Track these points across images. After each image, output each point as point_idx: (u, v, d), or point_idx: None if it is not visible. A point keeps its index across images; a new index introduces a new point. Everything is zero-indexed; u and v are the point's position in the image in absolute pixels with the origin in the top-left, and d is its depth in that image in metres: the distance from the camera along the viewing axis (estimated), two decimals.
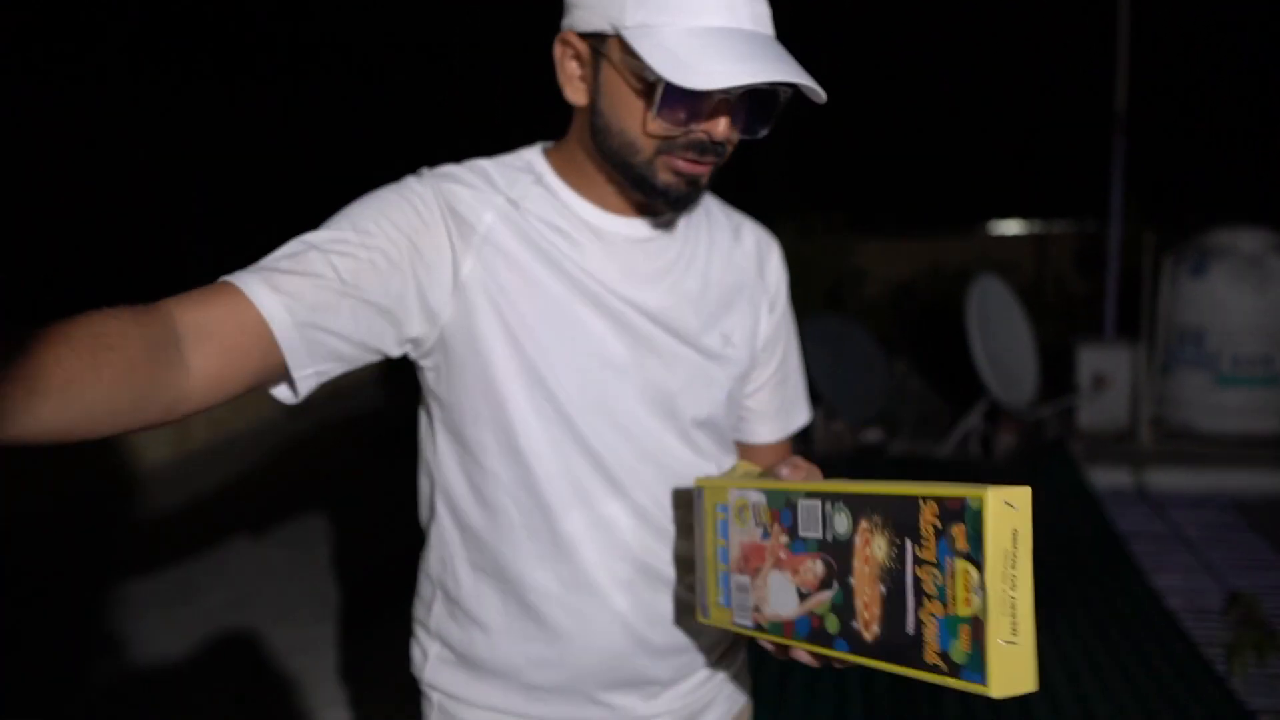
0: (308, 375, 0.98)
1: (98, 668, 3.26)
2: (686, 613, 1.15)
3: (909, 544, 0.76)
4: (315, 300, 0.96)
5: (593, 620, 1.10)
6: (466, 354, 1.07)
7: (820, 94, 0.98)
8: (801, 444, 5.58)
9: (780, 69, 0.95)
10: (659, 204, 1.09)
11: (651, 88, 0.99)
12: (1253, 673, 3.16)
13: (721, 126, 1.01)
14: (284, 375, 0.98)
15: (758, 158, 10.70)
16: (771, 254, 1.29)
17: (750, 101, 1.01)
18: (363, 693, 2.99)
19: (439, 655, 1.18)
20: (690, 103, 0.99)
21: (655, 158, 1.04)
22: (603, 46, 1.03)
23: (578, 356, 1.08)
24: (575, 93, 1.08)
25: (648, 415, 1.12)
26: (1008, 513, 0.72)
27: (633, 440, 1.12)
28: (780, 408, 1.32)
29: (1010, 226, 9.39)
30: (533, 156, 1.16)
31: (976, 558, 0.71)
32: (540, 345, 1.07)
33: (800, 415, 1.36)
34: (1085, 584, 3.70)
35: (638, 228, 1.13)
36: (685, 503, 1.16)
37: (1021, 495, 0.72)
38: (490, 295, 1.06)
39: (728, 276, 1.21)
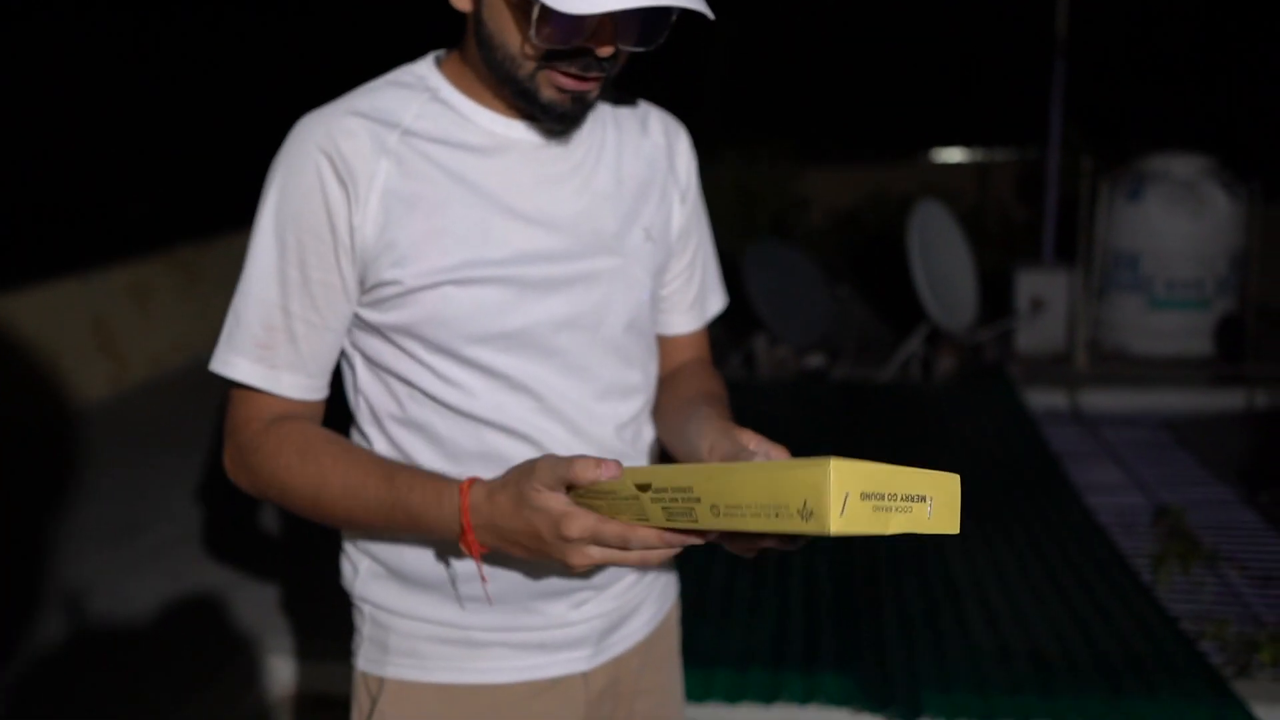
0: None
1: (46, 605, 3.23)
2: None
3: None
4: (311, 352, 1.10)
5: None
6: (383, 298, 1.08)
7: (708, 13, 0.96)
8: (746, 370, 5.63)
9: None
10: (543, 119, 1.07)
11: (529, 4, 0.96)
12: (1177, 581, 3.28)
13: (605, 44, 0.98)
14: None
15: (701, 85, 10.62)
16: (680, 141, 1.27)
17: (639, 14, 0.97)
18: (309, 616, 3.01)
19: (369, 570, 1.18)
20: (569, 24, 0.95)
21: (537, 73, 1.02)
22: None
23: (491, 283, 1.07)
24: None
25: (571, 326, 1.12)
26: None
27: (558, 354, 1.12)
28: (696, 297, 1.32)
29: (953, 154, 9.44)
30: (426, 70, 1.13)
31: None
32: (452, 280, 1.06)
33: (715, 301, 1.36)
34: (1021, 501, 3.80)
35: (536, 134, 1.11)
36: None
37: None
38: (396, 242, 1.05)
39: (639, 170, 1.20)
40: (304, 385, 1.10)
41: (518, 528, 0.94)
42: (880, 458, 0.74)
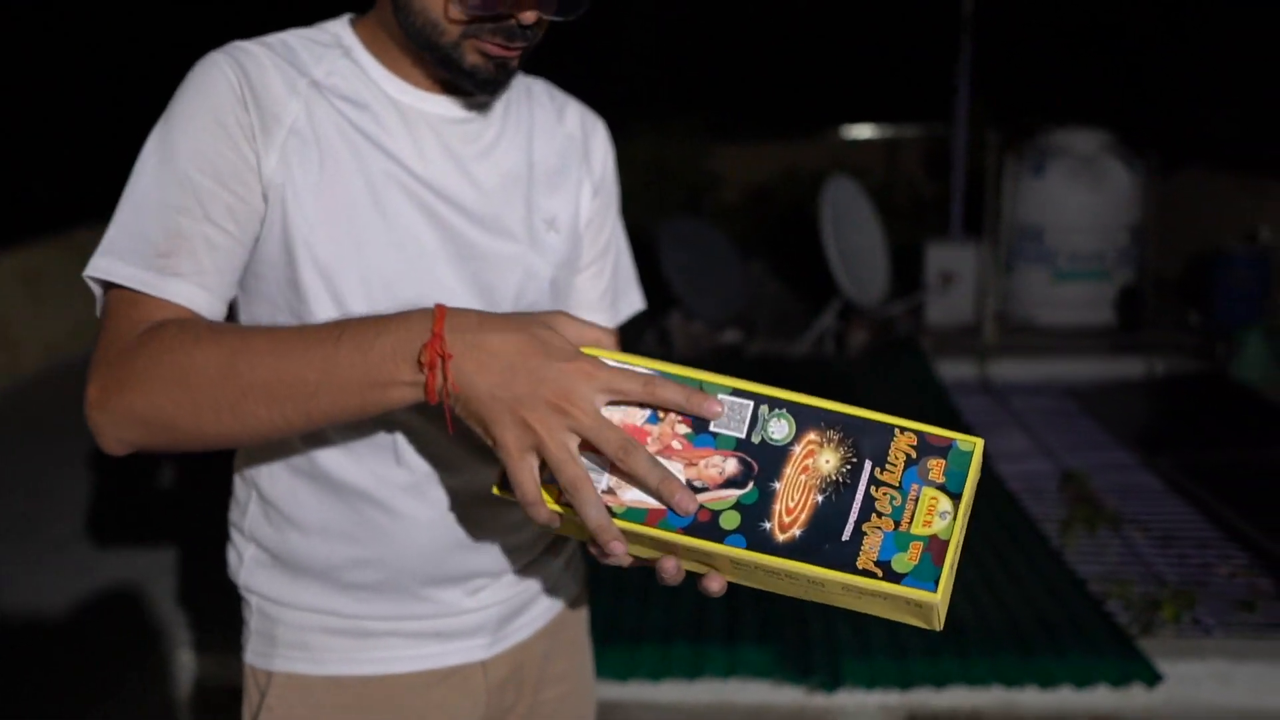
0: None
1: None
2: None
3: (869, 465, 0.76)
4: (219, 267, 0.97)
5: (412, 518, 1.06)
6: (268, 249, 1.01)
7: None
8: (661, 346, 5.63)
9: None
10: (466, 86, 1.03)
11: None
12: (1083, 544, 3.38)
13: (528, 12, 0.96)
14: None
15: (616, 62, 10.56)
16: (597, 135, 1.22)
17: None
18: (215, 607, 2.93)
19: (254, 558, 1.12)
20: None
21: (462, 40, 0.98)
22: None
23: (387, 251, 1.02)
24: None
25: (455, 302, 1.06)
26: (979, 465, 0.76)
27: None
28: (605, 293, 1.26)
29: (862, 131, 9.55)
30: (340, 29, 1.07)
31: (955, 490, 0.75)
32: (346, 241, 1.01)
33: (630, 302, 1.30)
34: None
35: (452, 107, 1.06)
36: None
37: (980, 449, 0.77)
38: (294, 190, 0.99)
39: (551, 157, 1.15)
40: (198, 297, 0.95)
41: (511, 336, 0.81)
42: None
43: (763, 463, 0.77)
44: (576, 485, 0.78)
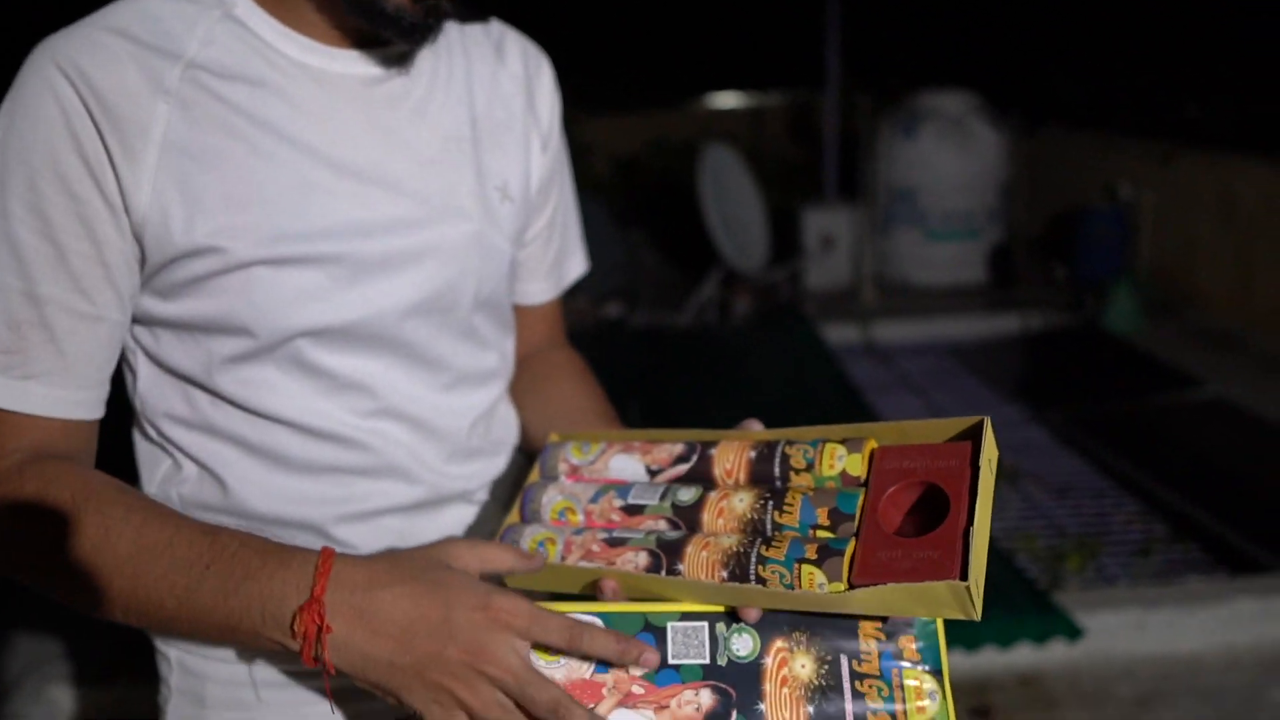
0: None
1: None
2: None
3: (844, 660, 0.72)
4: (80, 353, 0.80)
5: (354, 548, 0.91)
6: (174, 269, 0.81)
7: None
8: None
9: None
10: (388, 34, 0.84)
11: None
12: None
13: None
14: None
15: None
16: (542, 75, 1.04)
17: None
18: (89, 638, 2.67)
19: None
20: None
21: None
22: None
23: (320, 248, 0.83)
24: None
25: (412, 310, 0.89)
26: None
27: (402, 345, 0.89)
28: (555, 261, 1.11)
29: (728, 99, 9.52)
30: None
31: (934, 666, 0.72)
32: (270, 242, 0.81)
33: (576, 264, 1.15)
34: None
35: (369, 63, 0.87)
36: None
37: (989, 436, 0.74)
38: (180, 225, 0.79)
39: (496, 109, 0.96)
40: (68, 400, 0.80)
41: (404, 590, 0.70)
42: (685, 402, 0.78)
43: (738, 686, 0.71)
44: (557, 711, 0.69)
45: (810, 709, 0.71)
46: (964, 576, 0.67)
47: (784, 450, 0.78)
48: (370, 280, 0.85)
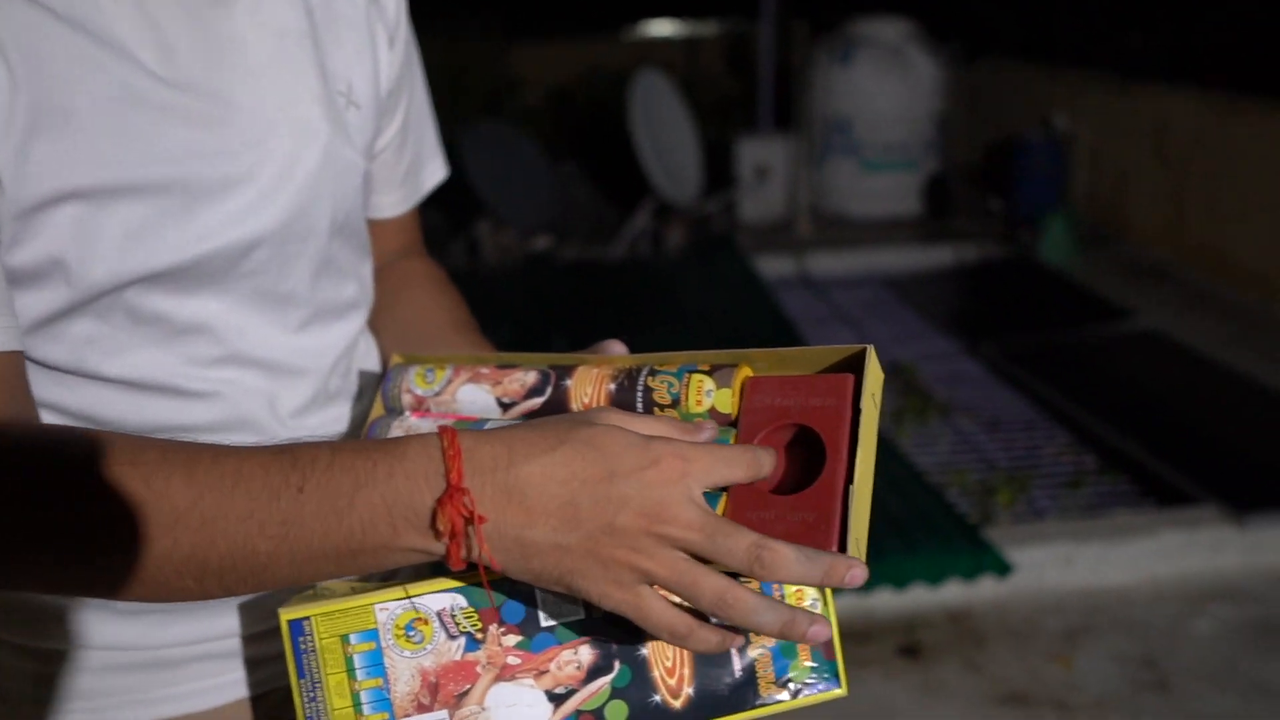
0: None
1: None
2: None
3: None
4: None
5: None
6: None
7: None
8: (470, 258, 5.32)
9: None
10: None
11: None
12: (915, 434, 3.34)
13: None
14: None
15: None
16: None
17: None
18: None
19: None
20: None
21: None
22: None
23: (145, 176, 0.68)
24: None
25: (259, 242, 0.75)
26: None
27: (248, 279, 0.76)
28: (409, 170, 0.97)
29: (662, 28, 9.30)
30: None
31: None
32: (85, 173, 0.66)
33: (434, 171, 1.01)
34: None
35: None
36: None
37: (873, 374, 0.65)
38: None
39: (333, 1, 0.82)
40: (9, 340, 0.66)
41: (557, 457, 0.58)
42: (614, 337, 0.76)
43: (617, 635, 0.67)
44: (725, 600, 0.57)
45: None
46: (843, 546, 0.59)
47: (646, 382, 0.70)
48: (207, 210, 0.71)
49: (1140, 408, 3.48)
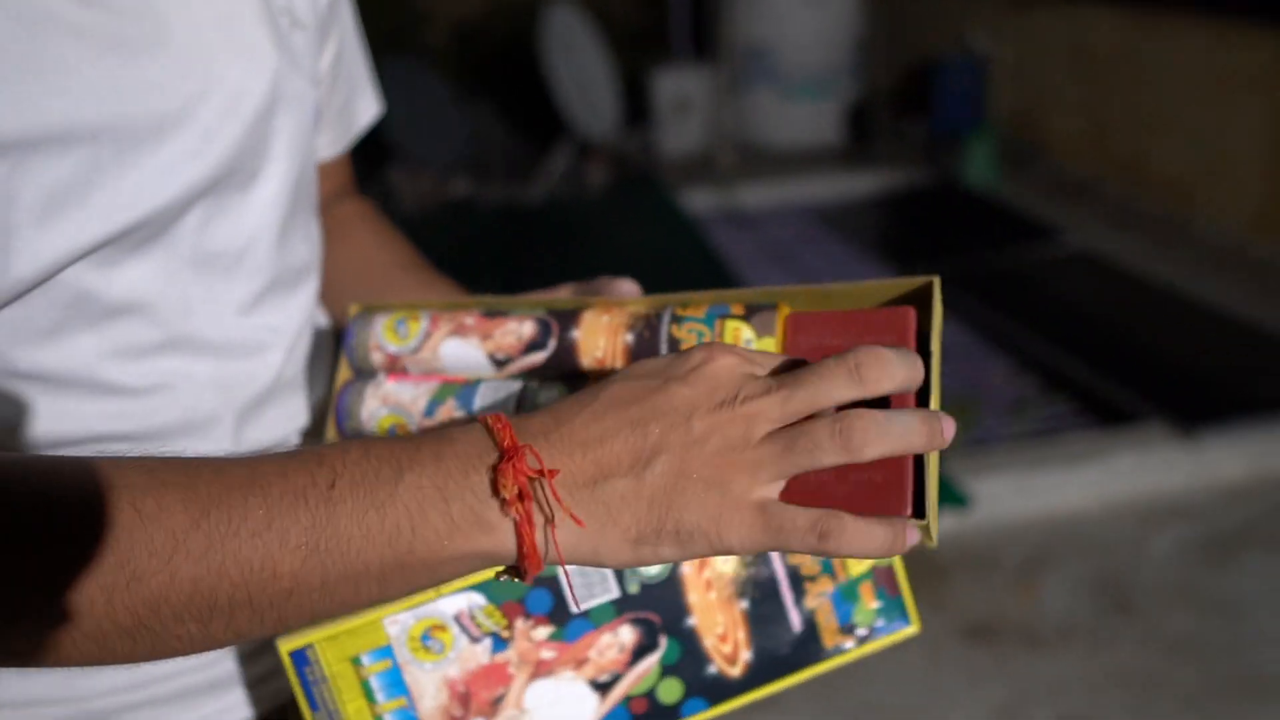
0: None
1: None
2: None
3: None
4: None
5: None
6: None
7: None
8: (386, 205, 5.11)
9: None
10: None
11: None
12: None
13: None
14: None
15: None
16: None
17: None
18: None
19: None
20: None
21: None
22: None
23: (66, 122, 0.53)
24: None
25: (209, 195, 0.62)
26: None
27: (185, 242, 0.62)
28: (342, 106, 0.84)
29: None
30: None
31: None
32: None
33: (367, 107, 0.88)
34: None
35: None
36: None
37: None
38: None
39: None
40: None
41: (613, 411, 0.50)
42: (541, 281, 0.70)
43: (661, 610, 0.62)
44: (847, 419, 0.49)
45: (743, 604, 0.62)
46: (919, 513, 0.50)
47: (671, 332, 0.60)
48: (141, 160, 0.57)
49: (1076, 327, 3.48)
